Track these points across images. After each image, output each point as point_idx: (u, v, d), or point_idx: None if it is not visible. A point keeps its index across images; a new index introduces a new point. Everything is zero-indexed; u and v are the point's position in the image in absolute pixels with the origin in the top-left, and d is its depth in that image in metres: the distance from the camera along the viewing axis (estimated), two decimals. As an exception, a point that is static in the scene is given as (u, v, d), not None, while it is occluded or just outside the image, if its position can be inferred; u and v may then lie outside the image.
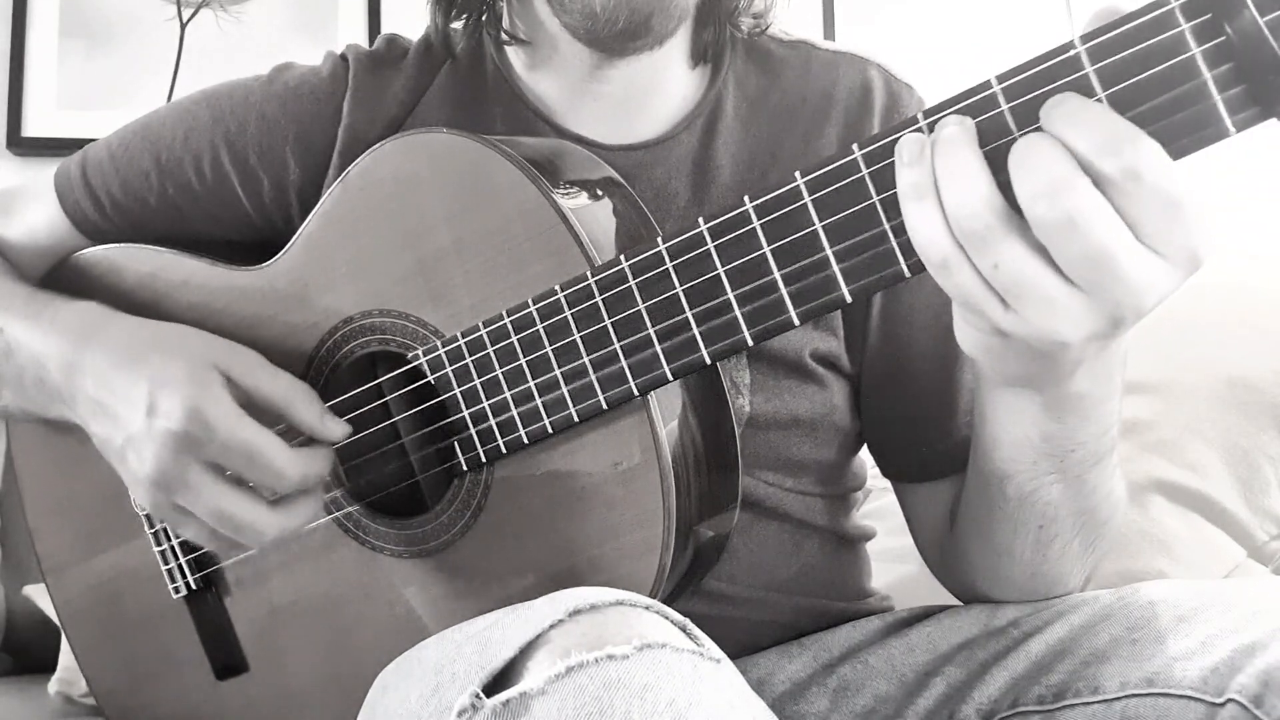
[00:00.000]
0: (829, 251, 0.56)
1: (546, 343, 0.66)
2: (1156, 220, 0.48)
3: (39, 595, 1.42)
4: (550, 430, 0.67)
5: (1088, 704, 0.67)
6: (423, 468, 0.76)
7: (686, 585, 0.72)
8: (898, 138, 0.53)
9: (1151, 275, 0.49)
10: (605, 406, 0.65)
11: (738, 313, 0.60)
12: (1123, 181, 0.47)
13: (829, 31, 2.05)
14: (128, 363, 0.73)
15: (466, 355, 0.69)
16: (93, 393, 0.74)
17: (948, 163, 0.50)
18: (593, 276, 0.64)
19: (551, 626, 0.53)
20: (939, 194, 0.51)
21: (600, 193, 0.72)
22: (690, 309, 0.61)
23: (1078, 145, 0.48)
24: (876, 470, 0.90)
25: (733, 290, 0.60)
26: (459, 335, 0.69)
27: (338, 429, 0.73)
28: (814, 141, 0.82)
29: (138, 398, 0.70)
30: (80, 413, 0.76)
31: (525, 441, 0.68)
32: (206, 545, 0.74)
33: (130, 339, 0.75)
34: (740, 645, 0.80)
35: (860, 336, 0.83)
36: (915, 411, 0.83)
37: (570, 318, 0.65)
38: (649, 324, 0.63)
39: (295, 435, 0.73)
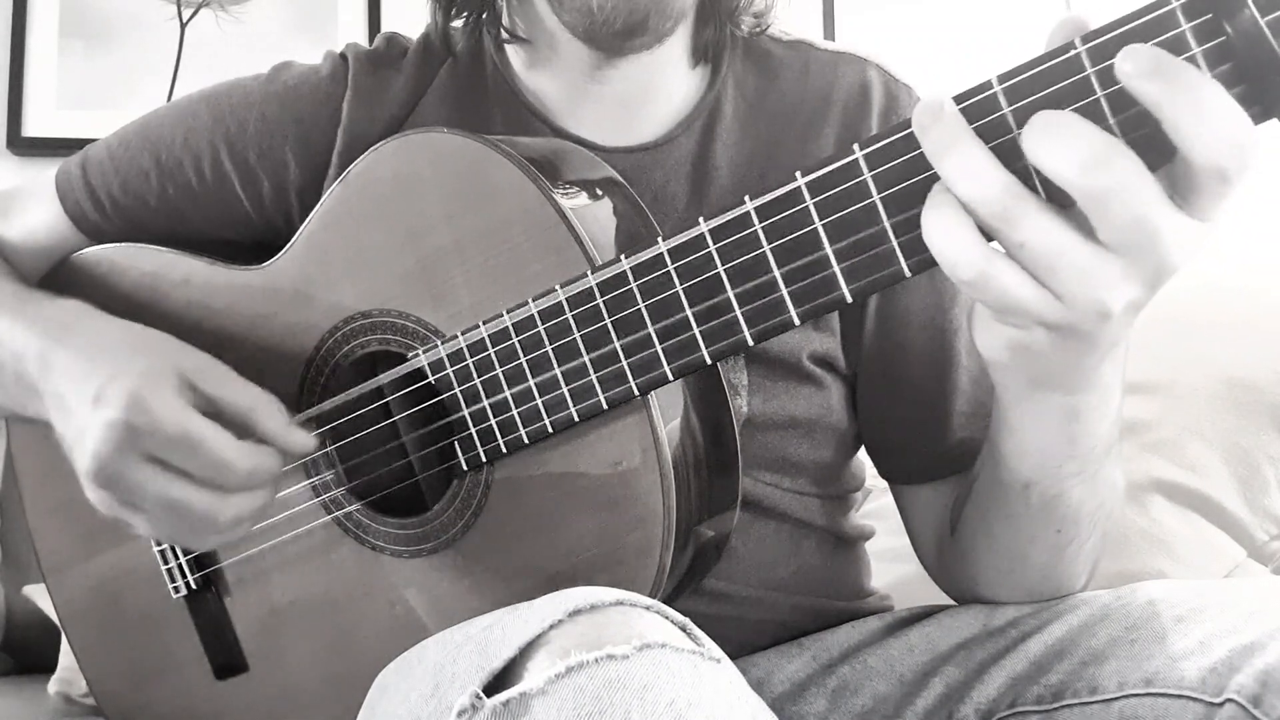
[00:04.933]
0: (830, 251, 0.56)
1: (547, 342, 0.66)
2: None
3: (39, 595, 1.42)
4: (550, 430, 0.67)
5: (1086, 704, 0.67)
6: (423, 467, 0.76)
7: (686, 585, 0.72)
8: (900, 137, 0.53)
9: (1188, 233, 0.49)
10: (605, 406, 0.65)
11: (738, 312, 0.60)
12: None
13: (829, 31, 2.05)
14: (92, 359, 0.72)
15: (467, 355, 0.69)
16: (57, 387, 0.73)
17: (950, 160, 0.50)
18: (593, 276, 0.64)
19: (551, 626, 0.53)
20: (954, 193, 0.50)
21: (600, 192, 0.72)
22: (691, 309, 0.61)
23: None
24: (876, 470, 0.90)
25: (733, 290, 0.60)
26: (459, 335, 0.69)
27: (305, 440, 0.71)
28: (812, 142, 0.82)
29: (88, 390, 0.69)
30: (46, 406, 0.74)
31: (525, 441, 0.68)
32: (164, 539, 0.72)
33: (102, 337, 0.74)
34: (739, 644, 0.80)
35: (856, 337, 0.83)
36: (911, 413, 0.83)
37: (570, 317, 0.65)
38: (649, 323, 0.63)
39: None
